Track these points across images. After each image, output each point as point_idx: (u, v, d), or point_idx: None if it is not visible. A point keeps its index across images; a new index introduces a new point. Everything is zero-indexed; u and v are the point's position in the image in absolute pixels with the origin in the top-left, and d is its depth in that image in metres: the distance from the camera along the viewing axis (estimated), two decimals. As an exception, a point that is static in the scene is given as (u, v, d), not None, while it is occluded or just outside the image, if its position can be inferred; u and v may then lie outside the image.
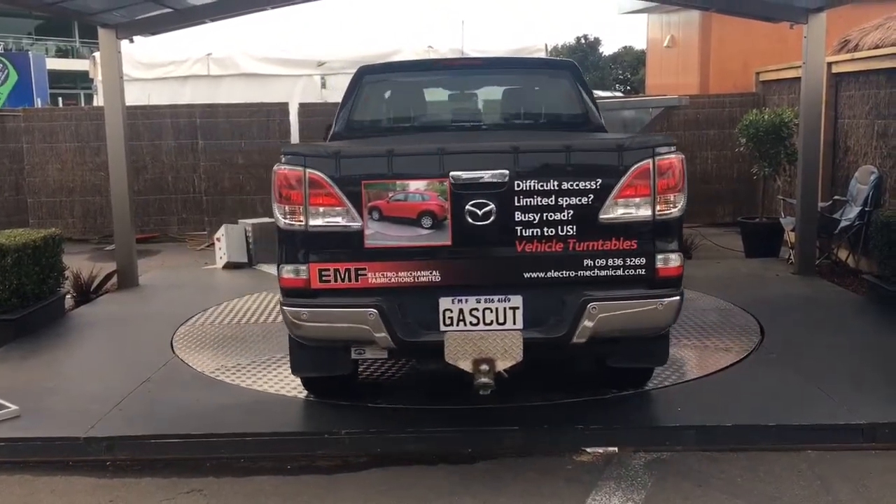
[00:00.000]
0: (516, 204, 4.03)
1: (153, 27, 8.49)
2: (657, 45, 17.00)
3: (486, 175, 4.01)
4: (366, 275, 4.02)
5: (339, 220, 4.00)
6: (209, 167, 12.39)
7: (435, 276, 4.04)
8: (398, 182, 4.01)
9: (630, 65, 34.10)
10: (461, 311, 4.09)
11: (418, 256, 4.05)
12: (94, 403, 5.07)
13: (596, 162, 4.17)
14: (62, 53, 46.54)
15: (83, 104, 32.36)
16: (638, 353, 4.57)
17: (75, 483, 4.34)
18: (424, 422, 4.75)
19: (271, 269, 9.43)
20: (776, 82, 11.76)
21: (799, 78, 8.57)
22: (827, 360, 5.53)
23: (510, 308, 4.09)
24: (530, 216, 4.04)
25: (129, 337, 6.76)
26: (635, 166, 4.07)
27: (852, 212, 8.32)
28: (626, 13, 18.19)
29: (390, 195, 4.00)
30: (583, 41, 41.19)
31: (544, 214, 4.04)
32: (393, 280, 4.04)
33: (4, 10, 35.18)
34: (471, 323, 4.11)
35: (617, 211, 4.10)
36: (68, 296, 7.86)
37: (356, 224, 4.00)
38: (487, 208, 4.01)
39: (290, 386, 5.32)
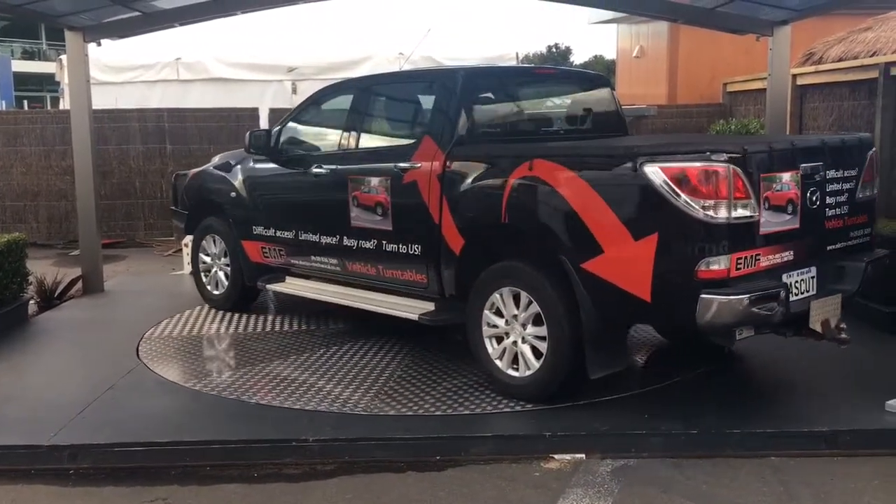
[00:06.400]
0: (826, 189, 4.88)
1: (121, 31, 8.41)
2: (627, 55, 17.16)
3: (820, 166, 4.81)
4: (759, 260, 4.55)
5: (749, 212, 4.45)
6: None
7: (788, 256, 4.70)
8: (777, 174, 4.60)
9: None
10: (787, 284, 4.69)
11: (783, 239, 4.66)
12: (56, 411, 5.00)
13: (854, 154, 5.13)
14: (28, 55, 45.97)
15: (49, 107, 31.91)
16: None
17: (37, 492, 4.27)
18: (393, 429, 4.75)
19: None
20: (743, 93, 11.94)
21: (765, 89, 8.70)
22: (791, 368, 5.61)
23: (811, 277, 4.88)
24: (831, 199, 4.93)
25: (93, 343, 6.67)
26: (869, 155, 5.21)
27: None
28: (596, 23, 18.34)
29: (774, 186, 4.59)
30: (554, 50, 41.42)
31: (836, 197, 4.96)
32: (770, 262, 4.62)
33: (-31, 10, 34.63)
34: (794, 294, 4.72)
35: (864, 192, 5.14)
36: (32, 301, 7.74)
37: (756, 214, 4.49)
38: (817, 194, 4.81)
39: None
